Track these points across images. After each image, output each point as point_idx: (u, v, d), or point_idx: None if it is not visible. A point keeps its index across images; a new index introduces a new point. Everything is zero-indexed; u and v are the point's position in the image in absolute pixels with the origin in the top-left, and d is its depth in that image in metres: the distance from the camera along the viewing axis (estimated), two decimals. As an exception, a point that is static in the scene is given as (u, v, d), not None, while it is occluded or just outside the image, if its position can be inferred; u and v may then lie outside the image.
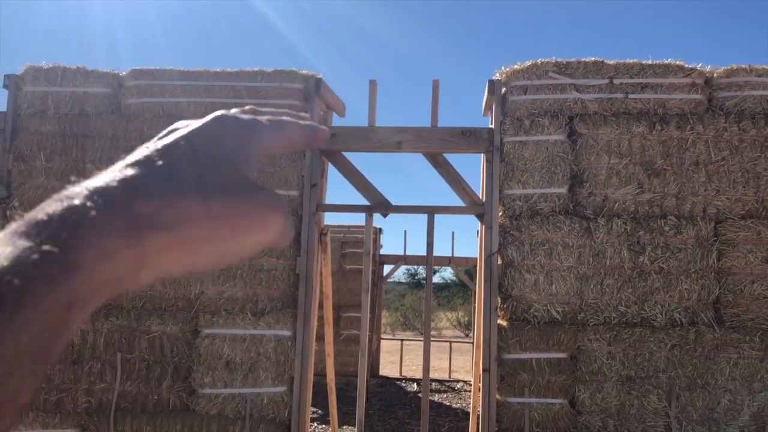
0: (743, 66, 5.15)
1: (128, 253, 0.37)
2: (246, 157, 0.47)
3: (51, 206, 0.37)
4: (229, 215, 0.42)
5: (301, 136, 0.55)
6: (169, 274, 0.41)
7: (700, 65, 5.18)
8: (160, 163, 0.42)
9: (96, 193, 0.38)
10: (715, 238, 4.97)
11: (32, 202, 5.34)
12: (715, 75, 5.19)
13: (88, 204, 0.37)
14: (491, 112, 5.45)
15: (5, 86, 5.56)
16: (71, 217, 0.36)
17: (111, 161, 0.43)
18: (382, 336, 15.56)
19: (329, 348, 5.97)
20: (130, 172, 0.41)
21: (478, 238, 5.72)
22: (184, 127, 0.47)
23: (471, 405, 6.25)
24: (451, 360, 14.55)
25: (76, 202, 0.37)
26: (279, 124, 0.53)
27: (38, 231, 0.35)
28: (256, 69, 5.49)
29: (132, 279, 0.39)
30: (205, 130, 0.47)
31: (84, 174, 0.44)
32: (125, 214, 0.38)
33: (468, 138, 5.19)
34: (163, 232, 0.39)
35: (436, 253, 13.45)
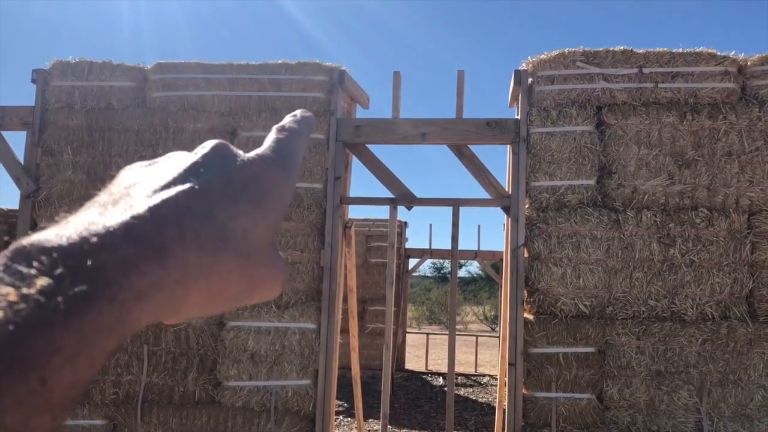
0: (778, 53, 5.01)
1: (157, 295, 0.34)
2: (272, 209, 0.43)
3: (65, 231, 0.33)
4: (250, 276, 0.40)
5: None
6: (166, 317, 0.37)
7: (732, 53, 5.05)
8: (192, 201, 0.38)
9: (124, 227, 0.34)
10: (749, 230, 4.84)
11: (60, 195, 5.40)
12: (748, 63, 5.05)
13: (115, 236, 0.33)
14: (517, 103, 5.37)
15: (33, 81, 5.62)
16: (96, 248, 0.32)
17: (136, 154, 0.41)
18: (408, 330, 15.54)
19: (354, 341, 5.96)
20: (164, 207, 0.37)
21: (504, 231, 5.65)
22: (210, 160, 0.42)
23: (497, 399, 6.20)
24: (478, 354, 14.49)
25: (99, 231, 0.33)
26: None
27: (55, 261, 0.31)
28: (279, 62, 5.48)
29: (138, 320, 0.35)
30: (241, 168, 0.43)
31: (111, 167, 0.40)
32: (162, 253, 0.34)
33: (494, 129, 5.12)
34: (193, 279, 0.36)
35: (462, 247, 13.42)
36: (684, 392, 4.71)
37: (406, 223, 13.69)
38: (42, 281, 0.30)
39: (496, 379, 11.25)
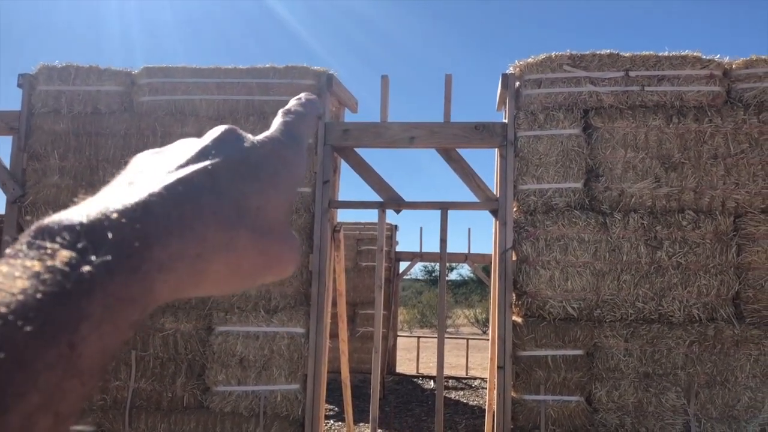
0: (763, 57, 5.04)
1: (182, 267, 0.36)
2: (280, 187, 0.44)
3: (85, 210, 0.34)
4: (265, 252, 0.42)
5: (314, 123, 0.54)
6: (188, 291, 0.38)
7: (718, 56, 5.08)
8: (207, 180, 0.40)
9: (143, 204, 0.35)
10: (735, 233, 4.87)
11: (47, 201, 5.37)
12: (733, 66, 5.09)
13: (135, 212, 0.35)
14: (505, 107, 5.39)
15: (20, 85, 5.59)
16: (120, 224, 0.34)
17: (123, 159, 0.41)
18: (399, 333, 15.54)
19: (343, 345, 5.95)
20: (180, 185, 0.38)
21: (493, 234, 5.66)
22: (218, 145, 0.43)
23: (487, 402, 6.20)
24: (469, 357, 14.49)
25: (119, 207, 0.34)
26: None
27: (83, 238, 0.32)
28: (267, 66, 5.48)
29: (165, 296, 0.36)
30: (251, 154, 0.44)
31: (98, 172, 0.40)
32: (180, 228, 0.36)
33: (481, 133, 5.14)
34: (211, 253, 0.38)
35: (453, 249, 13.44)
36: (672, 394, 4.73)
37: (396, 226, 13.69)
38: (65, 253, 0.31)
39: (487, 382, 11.24)
